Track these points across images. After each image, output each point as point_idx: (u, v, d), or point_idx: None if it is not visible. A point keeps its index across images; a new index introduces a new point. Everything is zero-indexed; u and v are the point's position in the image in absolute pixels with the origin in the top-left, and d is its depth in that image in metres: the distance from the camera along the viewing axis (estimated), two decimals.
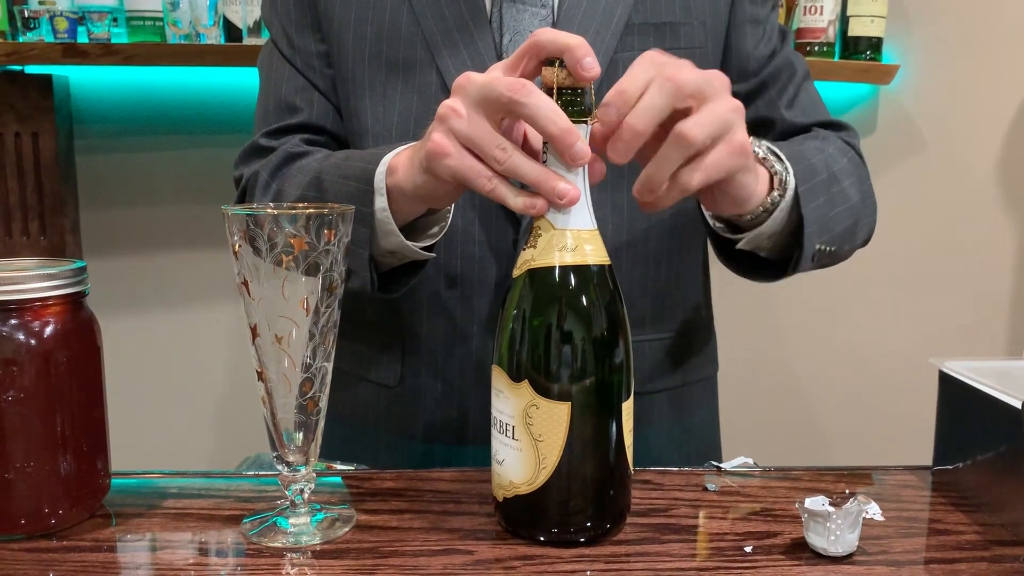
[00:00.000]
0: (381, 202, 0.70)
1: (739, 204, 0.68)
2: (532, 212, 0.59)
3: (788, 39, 0.90)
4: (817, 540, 0.58)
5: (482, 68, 0.78)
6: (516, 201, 0.59)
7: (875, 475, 0.74)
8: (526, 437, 0.58)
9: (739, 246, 0.75)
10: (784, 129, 0.87)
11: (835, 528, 0.58)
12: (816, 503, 0.58)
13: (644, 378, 0.88)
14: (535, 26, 0.80)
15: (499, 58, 0.80)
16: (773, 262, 0.79)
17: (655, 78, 0.58)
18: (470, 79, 0.60)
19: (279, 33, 0.87)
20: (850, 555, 0.59)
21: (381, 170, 0.70)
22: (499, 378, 0.60)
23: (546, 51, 0.57)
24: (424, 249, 0.73)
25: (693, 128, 0.58)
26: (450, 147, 0.60)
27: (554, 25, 0.80)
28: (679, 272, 0.89)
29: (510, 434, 0.59)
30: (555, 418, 0.58)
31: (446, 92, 0.79)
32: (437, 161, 0.61)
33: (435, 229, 0.74)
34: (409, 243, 0.72)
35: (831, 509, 0.58)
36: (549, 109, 0.56)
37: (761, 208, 0.70)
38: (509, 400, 0.59)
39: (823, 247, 0.76)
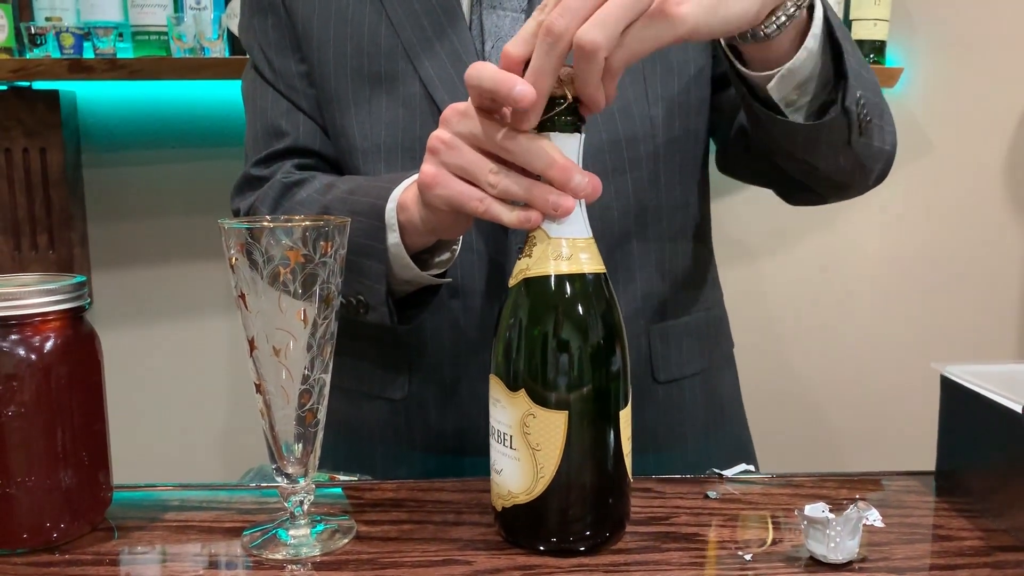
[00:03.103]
0: (394, 237, 0.70)
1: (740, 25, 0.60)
2: (527, 226, 0.59)
3: None
4: (817, 547, 0.58)
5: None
6: (510, 217, 0.59)
7: (878, 480, 0.74)
8: (524, 446, 0.58)
9: (770, 86, 0.68)
10: None
11: (834, 535, 0.57)
12: (816, 510, 0.58)
13: (674, 364, 0.87)
14: (515, 30, 0.80)
15: None
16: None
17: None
18: (456, 111, 0.60)
19: (259, 57, 0.87)
20: (850, 562, 0.58)
21: (391, 206, 0.70)
22: (496, 387, 0.60)
23: (476, 91, 0.57)
24: (438, 275, 0.74)
25: (556, 20, 0.53)
26: (439, 176, 0.60)
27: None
28: (692, 251, 0.88)
29: (508, 444, 0.59)
30: (552, 427, 0.58)
31: (430, 101, 0.79)
32: (429, 192, 0.62)
33: (446, 255, 0.74)
34: (424, 273, 0.72)
35: (830, 516, 0.57)
36: (541, 153, 0.57)
37: (776, 21, 0.63)
38: (506, 410, 0.59)
39: (862, 99, 0.69)
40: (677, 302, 0.87)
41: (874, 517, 0.63)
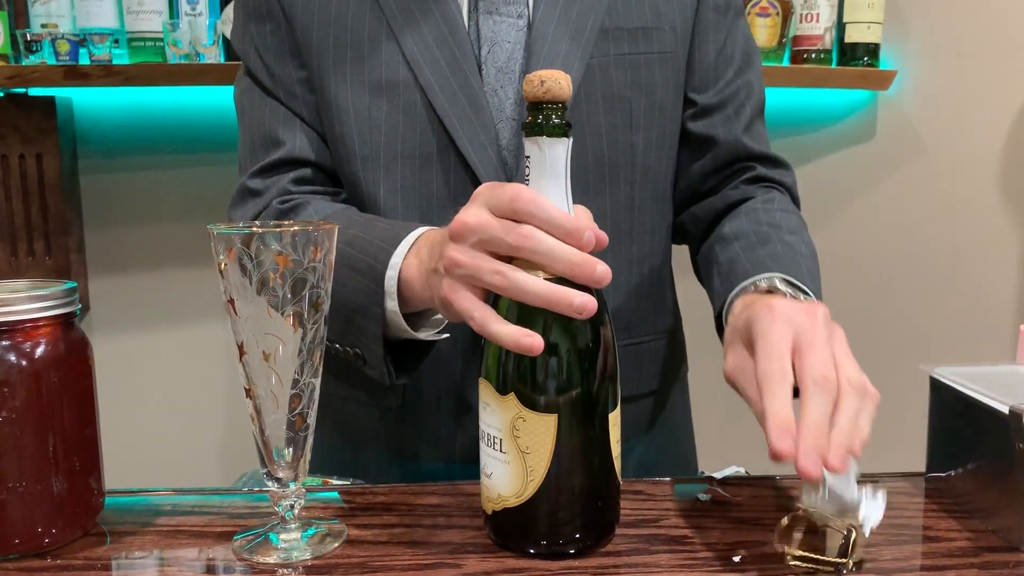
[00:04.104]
0: (392, 304, 0.70)
1: None
2: (524, 352, 0.57)
3: (754, 61, 0.90)
4: (808, 499, 0.59)
5: (464, 83, 0.79)
6: (506, 336, 0.57)
7: (867, 482, 0.74)
8: (514, 450, 0.59)
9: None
10: (733, 151, 0.87)
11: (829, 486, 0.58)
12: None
13: (631, 383, 0.88)
14: (512, 36, 0.80)
15: (480, 71, 0.80)
16: None
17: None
18: (467, 227, 0.59)
19: (257, 64, 0.86)
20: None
21: (391, 274, 0.70)
22: (486, 391, 0.60)
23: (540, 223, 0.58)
24: (437, 331, 0.74)
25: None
26: (453, 293, 0.60)
27: (529, 33, 0.80)
28: (658, 274, 0.90)
29: (498, 447, 0.59)
30: (542, 430, 0.58)
31: (430, 109, 0.79)
32: (448, 309, 0.62)
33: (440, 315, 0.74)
34: (419, 335, 0.72)
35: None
36: (558, 247, 0.57)
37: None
38: (496, 413, 0.59)
39: None
40: (640, 323, 0.89)
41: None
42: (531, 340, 0.56)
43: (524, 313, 0.59)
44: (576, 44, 0.80)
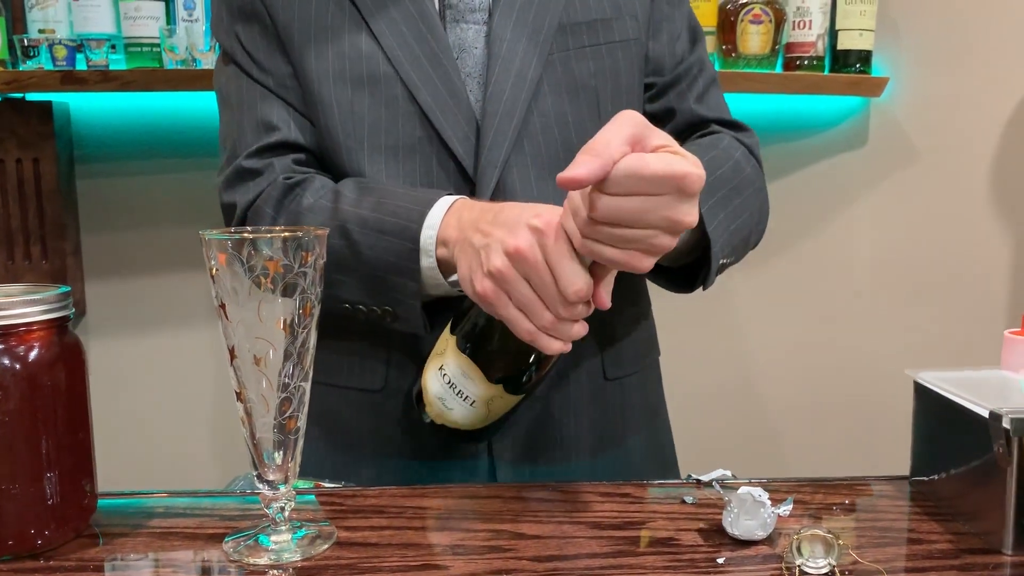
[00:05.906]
0: (429, 261, 0.75)
1: None
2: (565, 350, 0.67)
3: (701, 40, 0.94)
4: (725, 519, 0.64)
5: (446, 78, 0.82)
6: (558, 347, 0.67)
7: (853, 485, 0.75)
8: (483, 409, 0.75)
9: None
10: (688, 120, 0.91)
11: (734, 511, 0.64)
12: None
13: (619, 363, 0.91)
14: (478, 41, 0.83)
15: (456, 69, 0.83)
16: (677, 273, 0.83)
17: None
18: (527, 263, 0.65)
19: (244, 59, 0.87)
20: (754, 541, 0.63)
21: (429, 233, 0.74)
22: (471, 369, 0.72)
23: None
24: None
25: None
26: (500, 299, 0.67)
27: (488, 35, 0.82)
28: None
29: (469, 403, 0.74)
30: (510, 403, 0.76)
31: (413, 103, 0.82)
32: (488, 307, 0.68)
33: None
34: (453, 289, 0.76)
35: (729, 496, 0.64)
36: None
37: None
38: (478, 387, 0.73)
39: (726, 261, 0.79)
40: (623, 305, 0.91)
41: (783, 509, 0.65)
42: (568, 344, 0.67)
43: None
44: (533, 43, 0.82)
